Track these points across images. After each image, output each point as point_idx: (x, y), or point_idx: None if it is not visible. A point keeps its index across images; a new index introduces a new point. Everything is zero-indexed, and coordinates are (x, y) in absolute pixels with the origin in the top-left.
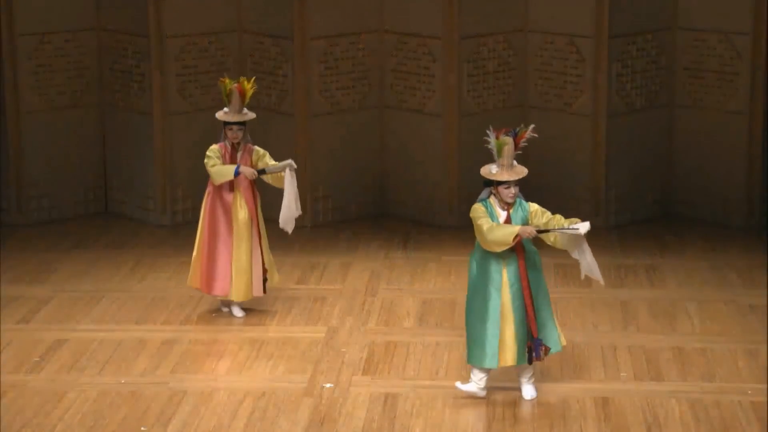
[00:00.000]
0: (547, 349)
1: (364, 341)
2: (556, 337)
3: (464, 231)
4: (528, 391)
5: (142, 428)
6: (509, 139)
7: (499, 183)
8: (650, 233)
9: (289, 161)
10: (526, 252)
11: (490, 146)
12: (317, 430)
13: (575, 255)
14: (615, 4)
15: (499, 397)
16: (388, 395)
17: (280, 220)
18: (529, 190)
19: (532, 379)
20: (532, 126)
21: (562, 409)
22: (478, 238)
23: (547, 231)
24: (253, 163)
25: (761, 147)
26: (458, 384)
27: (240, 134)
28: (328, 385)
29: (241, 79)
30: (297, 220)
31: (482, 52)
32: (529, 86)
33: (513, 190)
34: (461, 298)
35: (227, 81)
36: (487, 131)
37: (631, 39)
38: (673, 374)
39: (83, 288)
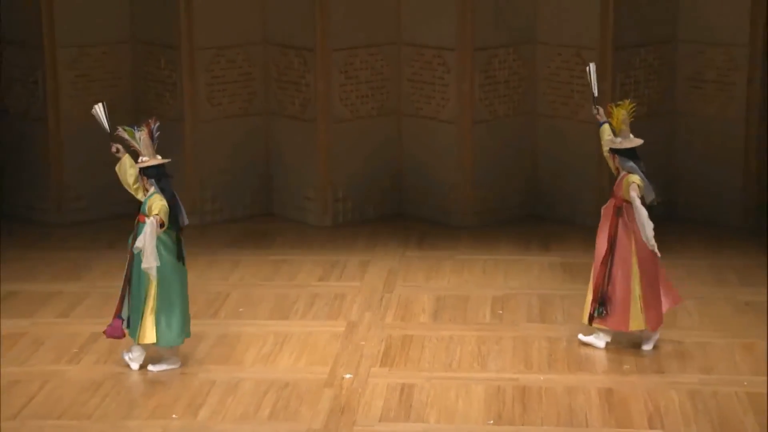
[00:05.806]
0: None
1: (382, 335)
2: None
3: (477, 231)
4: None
5: (174, 416)
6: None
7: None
8: None
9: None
10: None
11: (135, 141)
12: (337, 418)
13: None
14: (619, 17)
15: (509, 386)
16: (405, 386)
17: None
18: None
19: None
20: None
21: (568, 399)
22: None
23: None
24: (615, 188)
25: (756, 152)
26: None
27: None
28: (347, 376)
29: (623, 103)
30: (319, 220)
31: (494, 63)
32: (538, 95)
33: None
34: (474, 294)
35: (614, 108)
36: (122, 127)
37: (635, 51)
38: (673, 367)
39: (117, 285)
